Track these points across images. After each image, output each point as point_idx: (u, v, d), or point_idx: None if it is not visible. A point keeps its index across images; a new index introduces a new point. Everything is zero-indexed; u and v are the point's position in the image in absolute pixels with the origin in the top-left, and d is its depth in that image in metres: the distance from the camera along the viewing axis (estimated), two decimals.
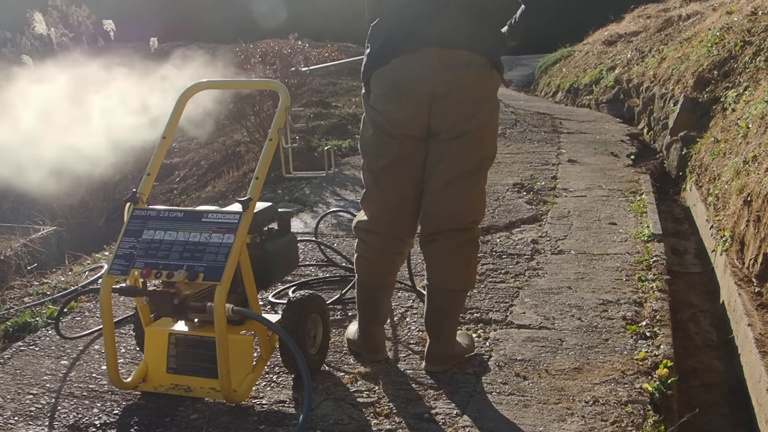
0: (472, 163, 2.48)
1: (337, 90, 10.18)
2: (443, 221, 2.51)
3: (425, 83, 2.38)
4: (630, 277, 3.50)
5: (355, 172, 5.99)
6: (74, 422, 2.31)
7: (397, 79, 2.42)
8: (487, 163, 2.55)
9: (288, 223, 2.71)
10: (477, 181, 2.51)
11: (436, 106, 2.41)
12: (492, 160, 2.58)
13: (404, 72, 2.40)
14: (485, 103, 2.46)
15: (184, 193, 7.36)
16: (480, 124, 2.45)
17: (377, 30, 2.50)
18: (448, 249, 2.53)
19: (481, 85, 2.44)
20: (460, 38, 2.37)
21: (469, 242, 2.55)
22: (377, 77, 2.47)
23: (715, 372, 3.10)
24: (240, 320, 2.43)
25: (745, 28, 6.07)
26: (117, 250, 2.30)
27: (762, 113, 4.30)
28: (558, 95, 11.02)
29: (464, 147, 2.44)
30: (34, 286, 3.74)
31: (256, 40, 8.28)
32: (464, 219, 2.52)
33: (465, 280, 2.59)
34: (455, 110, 2.41)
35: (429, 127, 2.47)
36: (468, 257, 2.57)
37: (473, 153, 2.47)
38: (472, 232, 2.56)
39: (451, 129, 2.43)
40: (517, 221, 4.47)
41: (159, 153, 2.49)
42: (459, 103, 2.40)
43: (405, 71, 2.40)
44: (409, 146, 2.50)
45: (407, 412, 2.33)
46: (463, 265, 2.56)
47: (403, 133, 2.48)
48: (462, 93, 2.40)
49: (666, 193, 5.58)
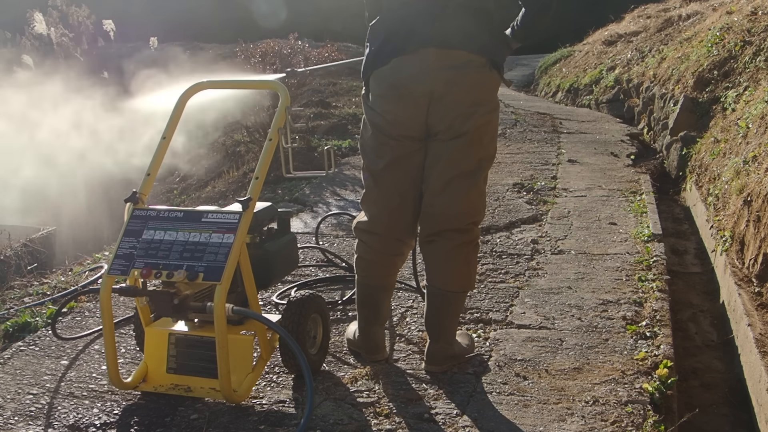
0: (470, 164, 2.48)
1: (337, 90, 10.17)
2: (442, 222, 2.51)
3: (423, 84, 2.38)
4: (630, 277, 3.50)
5: (355, 172, 5.99)
6: (74, 422, 2.31)
7: (395, 80, 2.42)
8: (486, 164, 2.55)
9: (288, 223, 2.71)
10: (476, 182, 2.50)
11: (434, 107, 2.41)
12: (491, 160, 2.58)
13: (402, 72, 2.40)
14: (484, 104, 2.45)
15: (184, 193, 7.35)
16: (478, 125, 2.44)
17: (376, 29, 2.50)
18: (447, 250, 2.53)
19: (479, 86, 2.43)
20: (459, 38, 2.37)
21: (468, 243, 2.55)
22: (376, 77, 2.48)
23: (715, 372, 3.10)
24: (240, 320, 2.43)
25: (745, 28, 6.07)
26: (117, 250, 2.30)
27: (762, 113, 4.30)
28: (558, 95, 11.02)
29: (462, 147, 2.44)
30: (34, 286, 3.74)
31: (256, 40, 8.29)
32: (463, 220, 2.51)
33: (464, 281, 2.58)
34: (453, 111, 2.41)
35: (428, 128, 2.47)
36: (467, 258, 2.56)
37: (472, 153, 2.47)
38: (472, 233, 2.56)
39: (449, 129, 2.44)
40: (517, 221, 4.47)
41: (159, 153, 2.49)
42: (457, 104, 2.40)
43: (403, 72, 2.40)
44: (408, 147, 2.50)
45: (407, 412, 2.34)
46: (463, 265, 2.55)
47: (401, 133, 2.49)
48: (460, 93, 2.40)
49: (666, 193, 5.58)
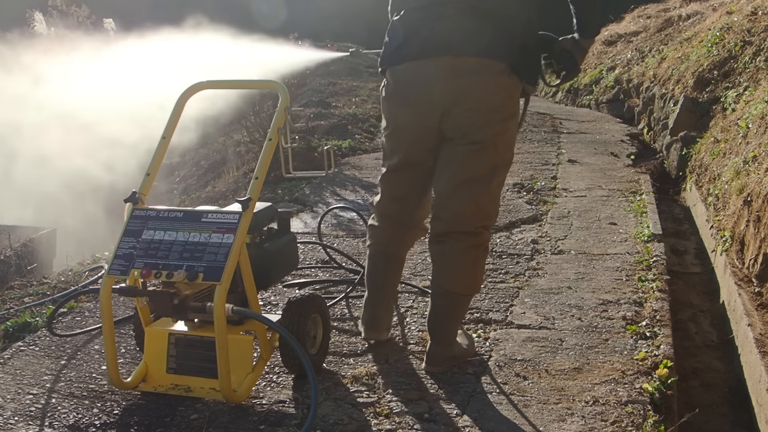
0: (483, 170, 2.45)
1: (337, 90, 10.16)
2: (452, 224, 2.49)
3: (436, 92, 2.38)
4: (630, 277, 3.50)
5: (355, 172, 5.99)
6: (74, 422, 2.31)
7: (409, 84, 2.45)
8: (501, 170, 2.51)
9: (288, 223, 2.71)
10: (488, 187, 2.47)
11: (447, 115, 2.40)
12: (508, 166, 2.54)
13: (416, 78, 2.42)
14: (500, 111, 2.41)
15: (184, 193, 7.35)
16: (494, 133, 2.42)
17: (397, 27, 2.51)
18: (455, 251, 2.50)
19: (494, 93, 2.39)
20: (474, 45, 2.35)
21: (477, 246, 2.52)
22: (392, 73, 2.51)
23: (715, 372, 3.10)
24: (240, 320, 2.43)
25: (745, 28, 6.07)
26: (117, 250, 2.30)
27: (762, 113, 4.30)
28: (558, 95, 11.01)
29: (475, 153, 2.42)
30: (34, 286, 3.74)
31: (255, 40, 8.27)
32: (473, 223, 2.49)
33: (470, 284, 2.56)
34: (467, 119, 2.39)
35: (442, 133, 2.47)
36: (475, 261, 2.53)
37: (485, 160, 2.44)
38: (481, 237, 2.52)
39: (463, 137, 2.42)
40: (517, 221, 4.47)
41: (159, 153, 2.49)
42: (470, 112, 2.38)
43: (417, 77, 2.42)
44: (418, 155, 2.54)
45: (407, 412, 2.33)
46: (470, 268, 2.53)
47: (412, 138, 2.51)
48: (474, 102, 2.37)
49: (666, 193, 5.58)
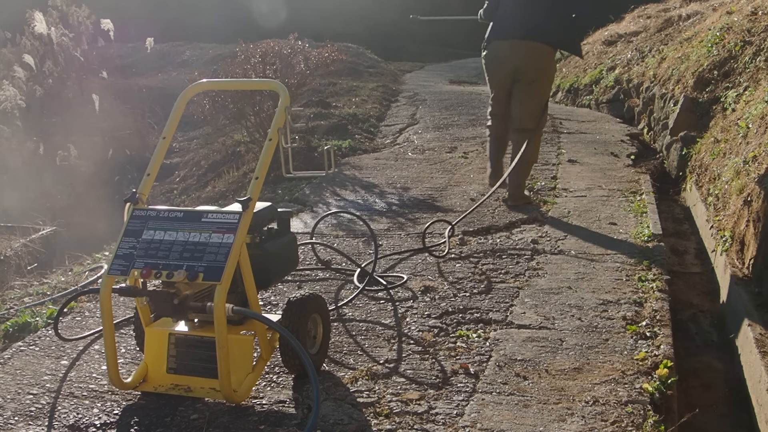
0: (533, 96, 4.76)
1: (337, 90, 10.16)
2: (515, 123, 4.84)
3: (512, 61, 4.71)
4: (630, 277, 3.50)
5: (355, 172, 5.99)
6: (74, 422, 2.31)
7: (497, 55, 4.78)
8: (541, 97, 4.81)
9: (288, 223, 2.71)
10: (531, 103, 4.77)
11: (519, 73, 4.72)
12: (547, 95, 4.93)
13: (501, 52, 4.75)
14: (545, 69, 4.79)
15: (184, 193, 7.35)
16: (541, 76, 4.77)
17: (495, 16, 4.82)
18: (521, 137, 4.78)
19: (543, 61, 4.73)
20: (537, 34, 4.60)
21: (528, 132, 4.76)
22: (490, 46, 4.82)
23: (715, 372, 3.10)
24: (240, 320, 2.43)
25: (745, 28, 6.06)
26: (117, 250, 2.30)
27: (762, 113, 4.30)
28: (558, 95, 11.01)
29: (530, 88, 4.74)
30: (34, 286, 3.74)
31: (256, 40, 8.27)
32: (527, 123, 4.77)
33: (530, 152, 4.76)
34: (530, 73, 4.70)
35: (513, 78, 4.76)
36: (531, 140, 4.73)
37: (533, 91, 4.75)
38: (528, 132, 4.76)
39: (525, 79, 4.73)
40: (517, 221, 4.48)
41: (159, 153, 2.49)
42: (530, 68, 4.69)
43: (501, 52, 4.75)
44: (501, 88, 4.89)
45: (407, 412, 2.34)
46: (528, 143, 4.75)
47: (498, 84, 4.89)
48: (533, 64, 4.69)
49: (666, 193, 5.58)
